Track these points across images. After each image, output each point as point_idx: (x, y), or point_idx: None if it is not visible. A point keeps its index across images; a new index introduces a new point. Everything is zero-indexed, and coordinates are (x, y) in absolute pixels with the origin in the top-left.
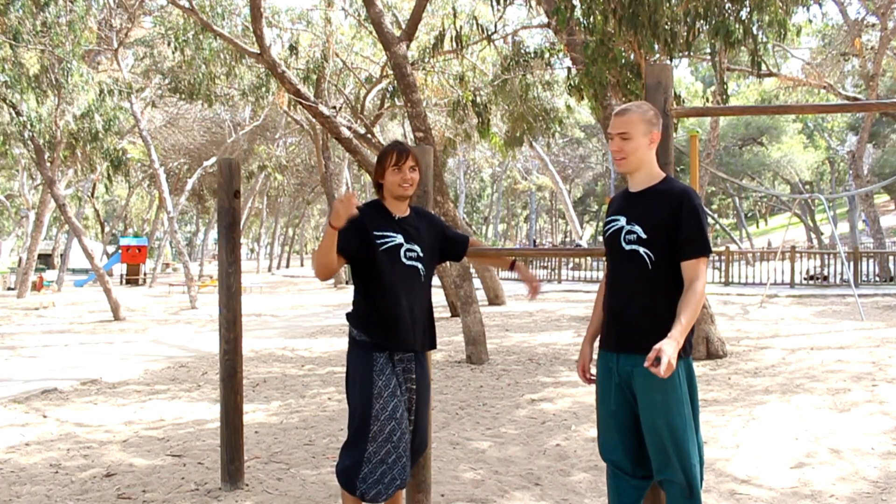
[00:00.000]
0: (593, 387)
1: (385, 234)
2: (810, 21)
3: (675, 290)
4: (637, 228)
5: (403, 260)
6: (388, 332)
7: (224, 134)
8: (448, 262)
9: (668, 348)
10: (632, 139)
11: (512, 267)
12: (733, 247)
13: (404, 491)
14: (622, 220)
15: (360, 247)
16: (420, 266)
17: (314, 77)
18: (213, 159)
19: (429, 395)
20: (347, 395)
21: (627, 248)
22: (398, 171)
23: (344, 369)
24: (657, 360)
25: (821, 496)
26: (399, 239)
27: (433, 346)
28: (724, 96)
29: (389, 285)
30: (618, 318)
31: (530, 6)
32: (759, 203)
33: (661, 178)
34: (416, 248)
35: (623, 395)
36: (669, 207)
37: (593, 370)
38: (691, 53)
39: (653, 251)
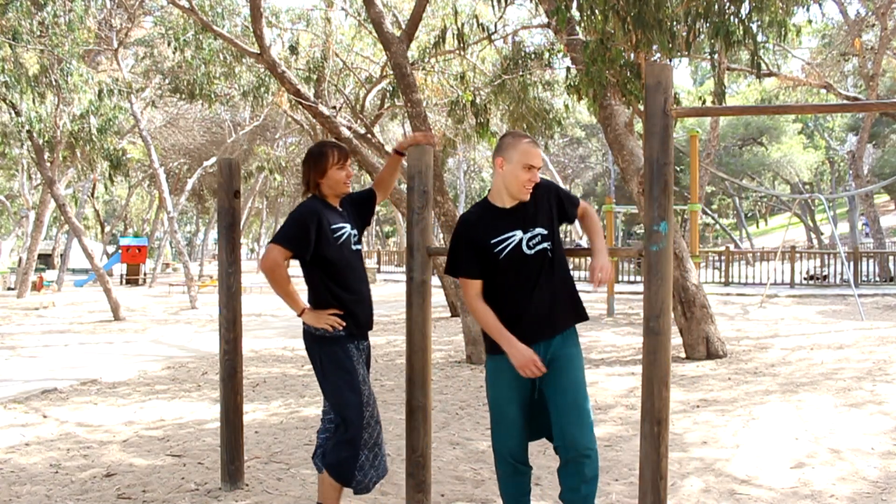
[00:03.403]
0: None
1: (339, 226)
2: (810, 21)
3: (567, 265)
4: (539, 230)
5: (353, 247)
6: (358, 322)
7: (224, 134)
8: None
9: (607, 263)
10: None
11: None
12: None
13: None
14: (518, 233)
15: (317, 247)
16: (361, 247)
17: (314, 77)
18: (213, 159)
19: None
20: (326, 391)
21: (532, 251)
22: (341, 170)
23: None
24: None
25: (821, 496)
26: (348, 228)
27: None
28: (722, 96)
29: (351, 276)
30: (539, 312)
31: (531, 5)
32: (759, 203)
33: None
34: (356, 231)
35: (535, 384)
36: (550, 197)
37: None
38: (691, 53)
39: (551, 241)
